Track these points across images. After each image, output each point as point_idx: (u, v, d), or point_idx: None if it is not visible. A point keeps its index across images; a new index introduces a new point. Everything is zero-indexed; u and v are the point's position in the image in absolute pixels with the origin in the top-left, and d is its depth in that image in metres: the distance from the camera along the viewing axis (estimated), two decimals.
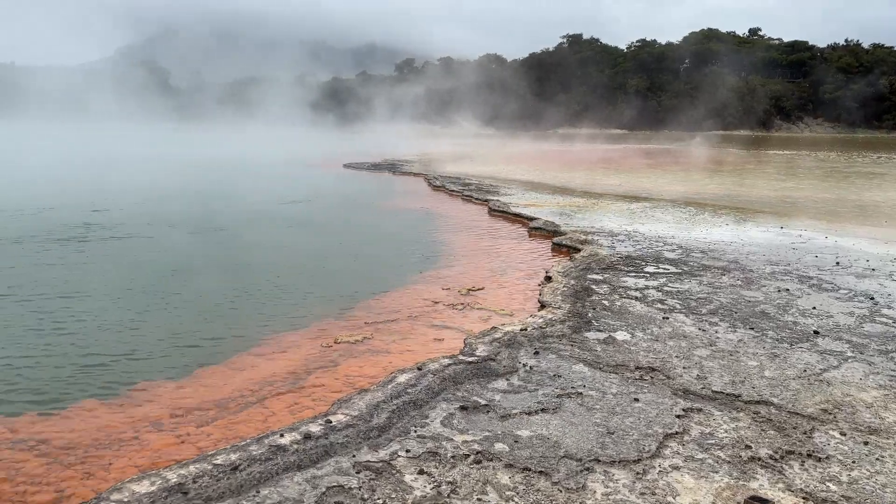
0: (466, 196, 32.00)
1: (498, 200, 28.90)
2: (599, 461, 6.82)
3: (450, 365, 9.38)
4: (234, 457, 6.85)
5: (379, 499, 6.15)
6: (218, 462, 6.74)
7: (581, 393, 8.47)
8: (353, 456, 6.94)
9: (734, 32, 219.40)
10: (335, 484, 6.39)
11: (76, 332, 11.64)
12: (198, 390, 9.44)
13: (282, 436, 7.33)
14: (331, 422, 7.66)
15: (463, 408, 8.08)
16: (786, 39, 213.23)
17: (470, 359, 9.61)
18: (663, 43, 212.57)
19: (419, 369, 9.24)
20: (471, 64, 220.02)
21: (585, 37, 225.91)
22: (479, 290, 14.71)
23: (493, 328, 11.00)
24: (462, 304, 13.51)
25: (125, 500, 6.06)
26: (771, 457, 6.90)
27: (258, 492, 6.26)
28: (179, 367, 10.25)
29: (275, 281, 15.50)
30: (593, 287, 13.61)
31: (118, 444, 7.83)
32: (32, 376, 9.76)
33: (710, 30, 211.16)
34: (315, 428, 7.52)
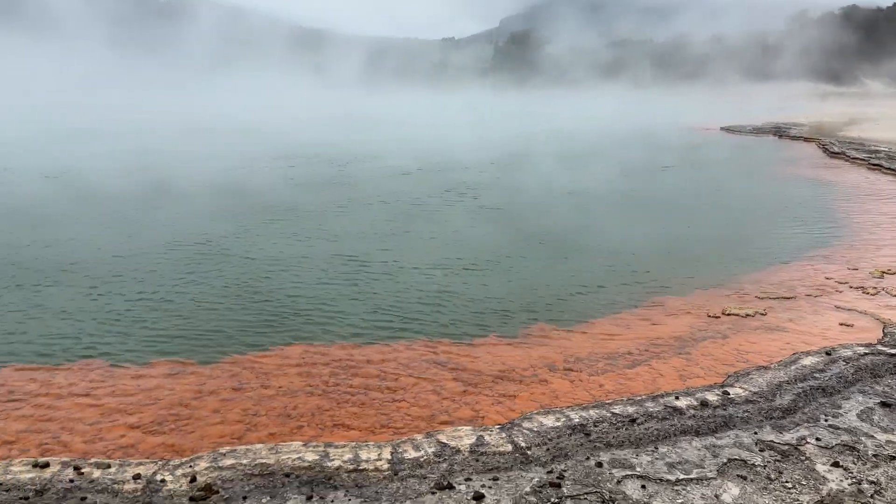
0: (874, 165, 27.62)
1: None
2: None
3: (866, 354, 8.29)
4: (630, 409, 7.04)
5: (787, 482, 5.76)
6: (616, 412, 6.99)
7: None
8: (755, 433, 6.59)
9: None
10: (737, 457, 6.15)
11: (488, 277, 13.08)
12: (586, 340, 9.89)
13: (677, 398, 7.29)
14: (728, 394, 7.38)
15: (885, 404, 7.09)
16: None
17: (892, 350, 8.36)
18: None
19: (828, 354, 8.35)
20: (883, 12, 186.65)
21: None
22: (895, 273, 12.65)
23: None
24: (874, 287, 11.77)
25: (534, 429, 6.66)
26: None
27: (656, 448, 6.34)
28: (568, 316, 10.85)
29: (662, 246, 15.38)
30: None
31: (520, 379, 8.63)
32: (448, 310, 11.25)
33: None
34: (711, 397, 7.32)
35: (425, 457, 6.13)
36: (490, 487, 5.65)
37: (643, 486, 5.68)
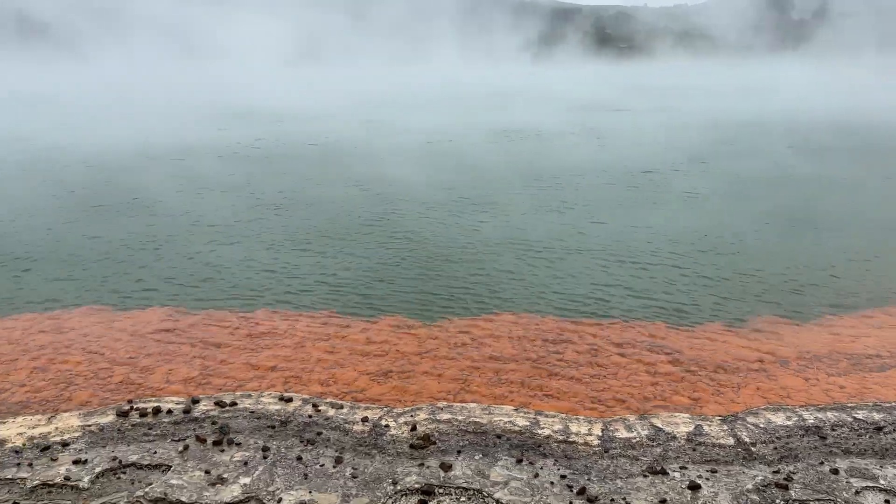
0: None
1: None
2: None
3: None
4: (877, 416, 6.27)
5: None
6: (858, 416, 6.27)
7: None
8: None
9: None
10: None
11: (714, 261, 12.36)
12: (825, 337, 8.96)
13: None
14: None
15: None
16: None
17: None
18: None
19: None
20: None
21: None
22: None
23: None
24: None
25: (760, 425, 6.19)
26: None
27: None
28: (805, 310, 9.89)
29: None
30: None
31: (745, 372, 8.05)
32: (669, 293, 10.80)
33: None
34: None
35: (638, 438, 5.97)
36: (707, 479, 5.37)
37: (887, 501, 5.06)
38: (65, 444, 5.98)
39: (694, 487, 5.22)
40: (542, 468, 5.53)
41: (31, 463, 5.69)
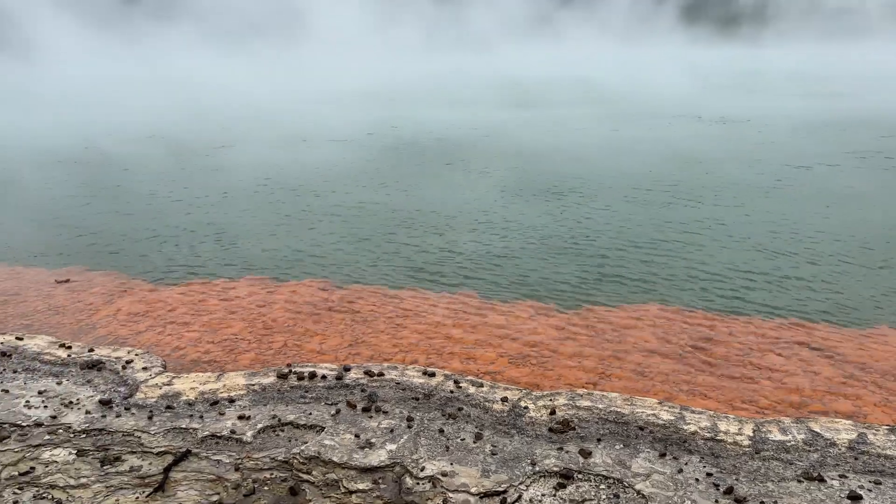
0: None
1: None
2: None
3: None
4: None
5: None
6: None
7: None
8: None
9: None
10: None
11: (889, 257, 11.39)
12: None
13: None
14: None
15: None
16: None
17: None
18: None
19: None
20: None
21: None
22: None
23: None
24: None
25: None
26: None
27: None
28: None
29: None
30: None
31: None
32: (832, 291, 10.07)
33: None
34: None
35: (793, 442, 5.64)
36: (870, 490, 4.99)
37: None
38: (231, 401, 6.54)
39: (854, 498, 4.87)
40: (686, 464, 5.37)
41: (201, 415, 6.29)
